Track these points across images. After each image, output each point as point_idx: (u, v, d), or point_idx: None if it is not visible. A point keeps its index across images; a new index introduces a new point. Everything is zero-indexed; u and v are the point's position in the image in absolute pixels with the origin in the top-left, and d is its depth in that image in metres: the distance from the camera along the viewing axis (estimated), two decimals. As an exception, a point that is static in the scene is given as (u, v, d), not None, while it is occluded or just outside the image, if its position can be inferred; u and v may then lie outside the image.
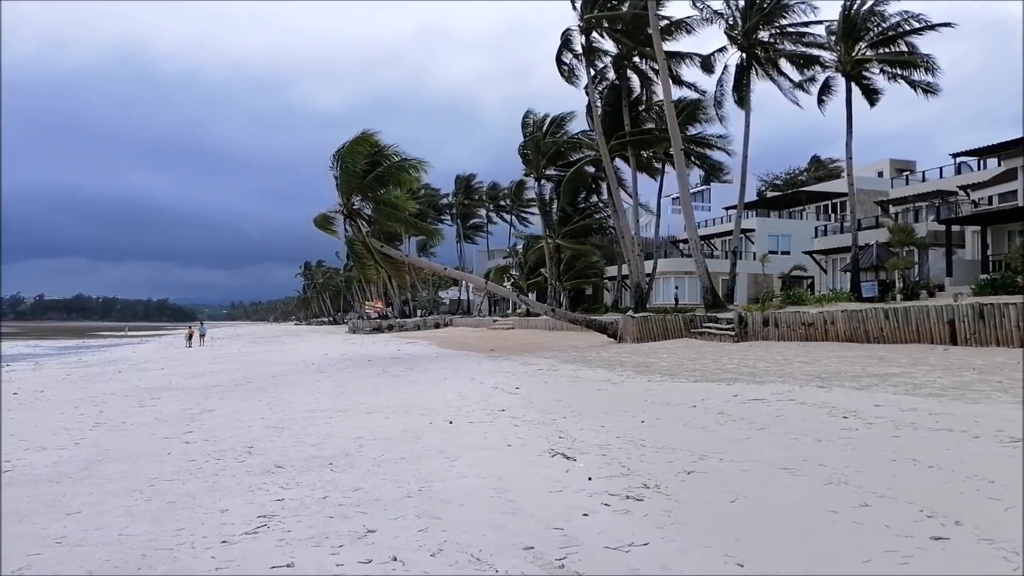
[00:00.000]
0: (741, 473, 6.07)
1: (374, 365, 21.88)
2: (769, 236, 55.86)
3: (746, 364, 15.22)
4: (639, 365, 16.81)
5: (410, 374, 17.99)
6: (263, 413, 11.44)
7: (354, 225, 27.51)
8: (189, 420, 10.96)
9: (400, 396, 12.95)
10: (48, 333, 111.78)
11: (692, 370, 14.89)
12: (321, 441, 8.55)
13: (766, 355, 16.68)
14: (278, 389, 15.45)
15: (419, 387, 14.56)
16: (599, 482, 5.96)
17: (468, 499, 5.67)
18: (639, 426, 8.56)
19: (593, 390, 12.58)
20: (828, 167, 78.20)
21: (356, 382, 16.43)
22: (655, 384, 12.90)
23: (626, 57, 36.79)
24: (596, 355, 20.77)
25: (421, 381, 15.86)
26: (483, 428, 8.99)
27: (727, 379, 12.86)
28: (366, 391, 14.15)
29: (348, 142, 26.87)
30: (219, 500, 5.95)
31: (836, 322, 17.96)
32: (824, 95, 34.92)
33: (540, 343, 29.35)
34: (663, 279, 49.90)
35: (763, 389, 11.21)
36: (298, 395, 13.99)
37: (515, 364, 19.56)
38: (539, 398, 11.78)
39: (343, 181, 26.79)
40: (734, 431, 7.99)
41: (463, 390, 13.45)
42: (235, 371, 22.10)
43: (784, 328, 19.68)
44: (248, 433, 9.41)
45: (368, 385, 15.50)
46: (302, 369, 21.65)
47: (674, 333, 24.50)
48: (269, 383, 17.14)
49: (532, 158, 45.95)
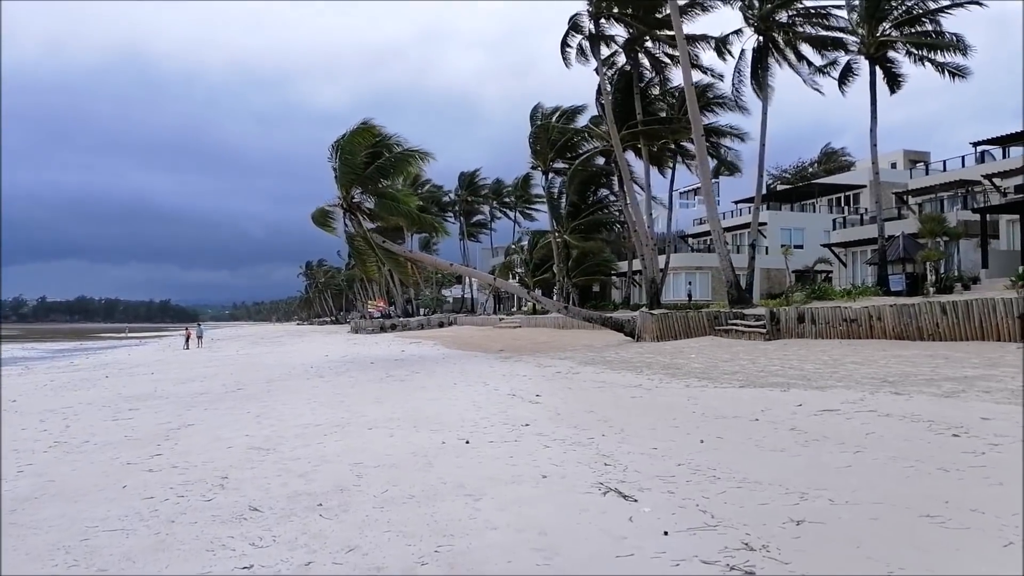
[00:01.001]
0: (870, 523, 4.50)
1: (377, 368, 20.35)
2: (781, 230, 54.21)
3: (791, 365, 13.64)
4: (668, 367, 15.24)
5: (416, 378, 16.44)
6: (249, 429, 9.90)
7: (354, 219, 25.96)
8: (162, 438, 9.42)
9: (406, 406, 11.40)
10: (48, 335, 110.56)
11: (731, 373, 13.31)
12: (311, 469, 7.00)
13: (809, 355, 15.09)
14: (271, 397, 13.91)
15: (427, 394, 13.02)
16: (680, 538, 4.39)
17: (505, 566, 4.11)
18: (700, 448, 6.99)
19: (626, 398, 11.01)
20: (839, 159, 76.42)
21: (357, 388, 14.88)
22: (696, 390, 11.32)
23: (637, 41, 35.19)
24: (616, 355, 19.21)
25: (429, 387, 14.31)
26: (507, 450, 7.43)
27: (778, 384, 11.29)
28: (368, 400, 12.60)
29: (348, 132, 25.36)
30: (165, 566, 4.40)
31: (883, 317, 16.35)
32: (846, 79, 33.27)
33: (551, 342, 27.79)
34: (674, 274, 48.29)
35: (828, 397, 9.63)
36: (292, 405, 12.44)
37: (529, 366, 18.01)
38: (566, 409, 10.21)
39: (343, 173, 25.26)
40: (824, 455, 6.42)
41: (477, 398, 11.89)
42: (228, 376, 20.59)
43: (822, 325, 18.08)
44: (225, 457, 7.87)
45: (370, 392, 13.95)
46: (300, 373, 20.12)
47: (697, 331, 22.91)
48: (262, 390, 15.60)
49: (541, 150, 44.39)
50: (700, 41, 34.62)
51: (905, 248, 31.14)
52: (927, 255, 27.38)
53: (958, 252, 32.16)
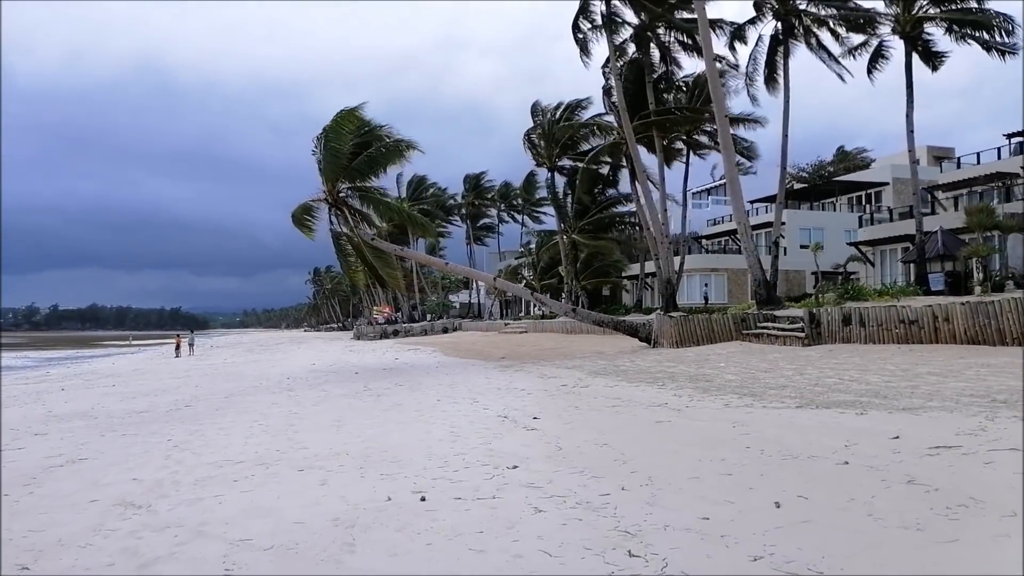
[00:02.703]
0: None
1: (357, 379, 17.86)
2: (800, 230, 51.47)
3: (851, 377, 11.02)
4: (696, 379, 12.66)
5: (396, 393, 13.92)
6: (148, 467, 7.42)
7: (340, 215, 23.54)
8: (26, 482, 6.95)
9: (366, 433, 8.89)
10: (51, 343, 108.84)
11: (778, 387, 10.71)
12: (167, 552, 4.48)
13: (867, 363, 12.47)
14: (213, 418, 11.43)
15: (400, 415, 10.50)
16: None
17: None
18: (778, 517, 4.43)
19: (649, 423, 8.44)
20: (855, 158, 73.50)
21: (322, 406, 12.38)
22: (740, 411, 8.73)
23: (649, 28, 32.63)
24: (631, 364, 16.63)
25: (406, 405, 11.79)
26: (478, 516, 4.89)
27: (846, 403, 8.70)
28: (325, 423, 10.09)
29: (332, 120, 22.96)
30: None
31: (952, 318, 13.68)
32: (876, 63, 30.62)
33: (559, 349, 25.23)
34: (689, 277, 45.61)
35: (928, 424, 7.05)
36: (230, 429, 9.96)
37: (531, 377, 15.47)
38: (571, 440, 7.66)
39: (327, 164, 22.87)
40: (977, 530, 3.86)
41: (459, 422, 9.36)
42: (192, 388, 18.19)
43: (874, 327, 15.42)
44: (71, 520, 5.37)
45: (334, 411, 11.45)
46: (271, 385, 17.65)
47: (722, 335, 20.28)
48: (212, 407, 13.14)
49: (544, 147, 41.84)
50: (716, 27, 32.04)
51: (944, 244, 28.40)
52: (974, 250, 24.63)
53: (1004, 247, 29.37)
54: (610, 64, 30.50)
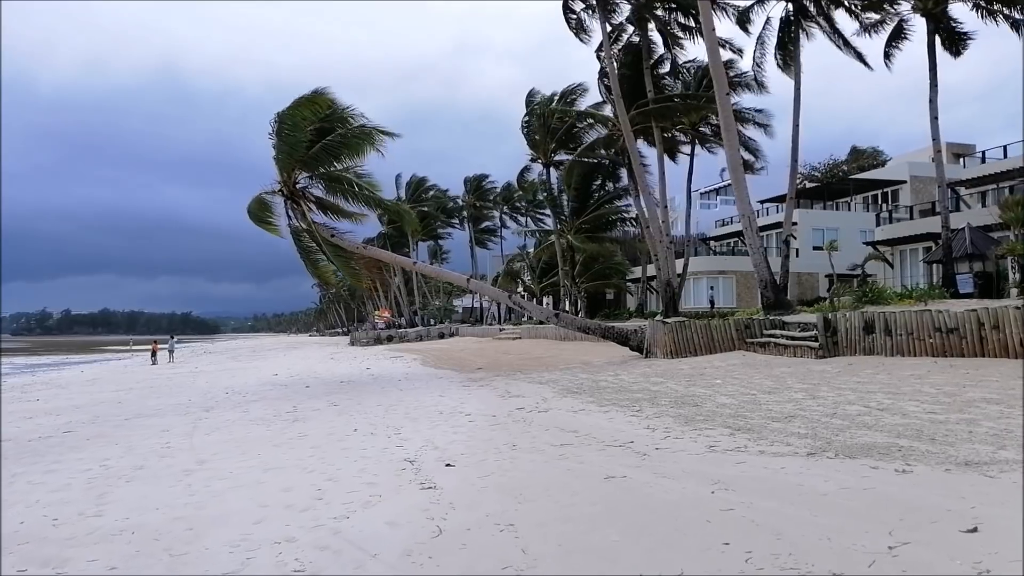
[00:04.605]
0: None
1: (300, 395, 15.43)
2: (813, 230, 48.67)
3: (878, 403, 8.44)
4: (682, 402, 10.11)
5: (319, 417, 11.46)
6: None
7: (297, 209, 21.11)
8: None
9: (211, 488, 6.43)
10: (51, 348, 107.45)
11: (782, 417, 8.15)
12: None
13: (897, 384, 9.88)
14: (70, 452, 9.03)
15: (288, 454, 8.03)
16: None
17: None
18: None
19: (596, 479, 5.90)
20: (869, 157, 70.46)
21: (213, 436, 9.93)
22: (728, 461, 6.19)
23: (647, 7, 30.12)
24: (614, 379, 14.09)
25: (312, 435, 9.31)
26: None
27: (878, 447, 6.14)
28: (178, 468, 7.64)
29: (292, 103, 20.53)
30: None
31: (1004, 325, 11.05)
32: (894, 44, 27.97)
33: (544, 358, 22.73)
34: (695, 280, 42.93)
35: (1014, 496, 4.51)
36: (50, 475, 7.54)
37: (491, 396, 12.96)
38: (468, 514, 5.13)
39: (282, 151, 20.46)
40: None
41: (345, 469, 6.87)
42: (114, 405, 15.88)
43: (902, 336, 12.79)
44: None
45: (214, 447, 9.00)
46: (197, 402, 15.23)
47: (723, 344, 17.68)
48: (92, 435, 10.74)
49: (539, 140, 39.27)
50: (719, 9, 29.46)
51: (973, 243, 25.63)
52: (1011, 247, 21.85)
53: (1040, 246, 26.50)
54: (604, 48, 27.97)
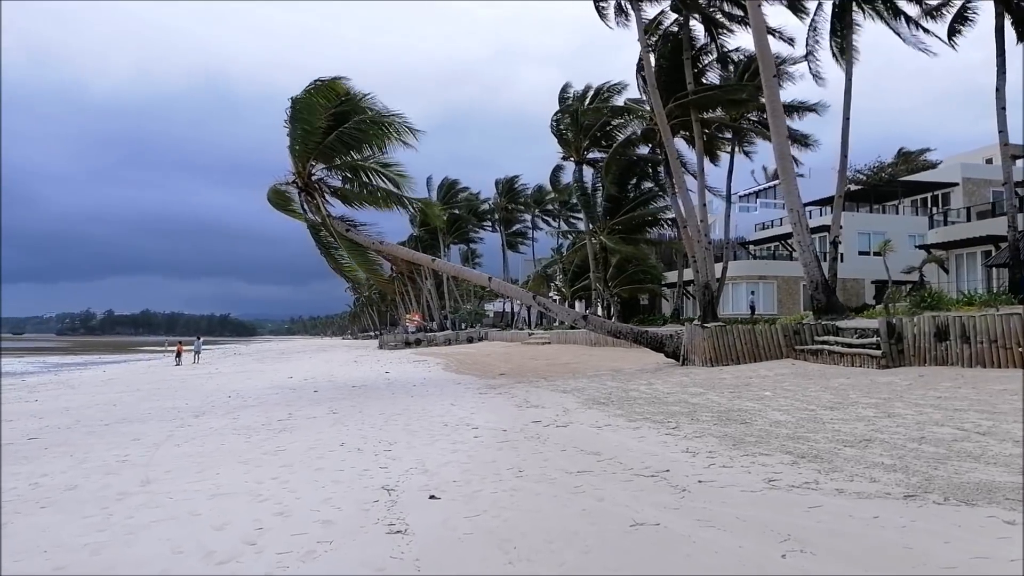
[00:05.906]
0: None
1: (314, 399, 14.26)
2: (859, 234, 46.11)
3: (975, 425, 6.82)
4: (727, 417, 8.57)
5: (313, 427, 10.18)
6: None
7: (311, 203, 20.00)
8: None
9: (129, 524, 5.14)
10: (88, 348, 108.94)
11: (857, 442, 6.57)
12: None
13: (990, 401, 8.19)
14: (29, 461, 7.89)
15: (254, 473, 6.72)
16: None
17: None
18: None
19: (621, 524, 4.45)
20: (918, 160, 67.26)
21: (184, 447, 8.70)
22: (797, 503, 4.68)
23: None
24: (647, 388, 12.56)
25: (291, 450, 8.02)
26: None
27: (1002, 493, 4.59)
28: (113, 492, 6.40)
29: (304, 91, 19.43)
30: None
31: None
32: (958, 27, 25.87)
33: (572, 364, 21.22)
34: (734, 284, 40.89)
35: None
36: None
37: (507, 405, 11.54)
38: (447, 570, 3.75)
39: (297, 139, 19.37)
40: None
41: (307, 498, 5.53)
42: (108, 408, 14.90)
43: (983, 344, 11.03)
44: None
45: (181, 458, 7.77)
46: (193, 408, 14.12)
47: (769, 351, 15.98)
48: (56, 442, 9.63)
49: (572, 137, 37.78)
50: (767, 0, 27.65)
51: (1042, 244, 23.45)
52: (1092, 249, 19.71)
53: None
54: (638, 36, 26.40)
